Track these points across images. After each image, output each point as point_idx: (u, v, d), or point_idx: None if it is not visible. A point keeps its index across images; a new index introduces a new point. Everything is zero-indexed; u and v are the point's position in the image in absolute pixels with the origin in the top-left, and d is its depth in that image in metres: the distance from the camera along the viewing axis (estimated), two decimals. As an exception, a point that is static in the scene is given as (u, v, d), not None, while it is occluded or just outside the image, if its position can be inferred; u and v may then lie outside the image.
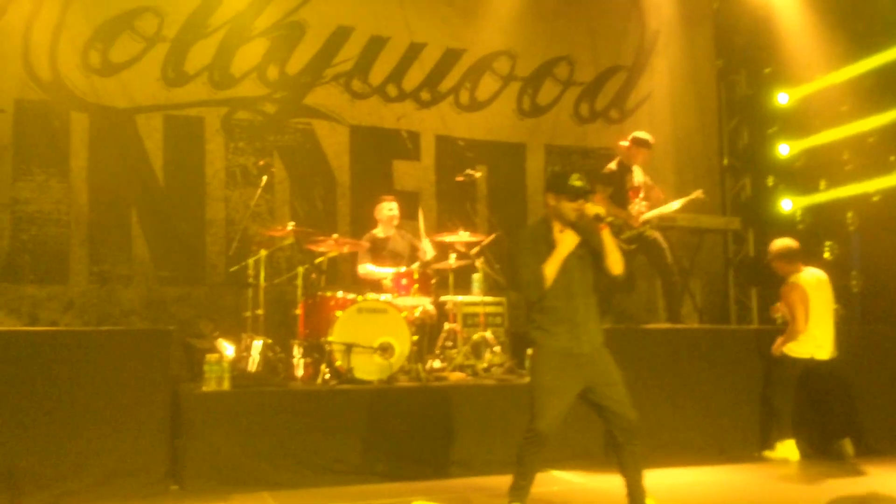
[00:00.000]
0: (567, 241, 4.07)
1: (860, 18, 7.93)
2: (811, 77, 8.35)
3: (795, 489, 5.37)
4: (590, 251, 4.16)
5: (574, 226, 4.13)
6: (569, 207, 4.09)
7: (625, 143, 7.17)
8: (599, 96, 9.26)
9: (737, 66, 9.39)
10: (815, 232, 8.24)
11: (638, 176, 7.10)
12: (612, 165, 7.13)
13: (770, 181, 8.96)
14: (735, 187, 9.33)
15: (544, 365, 4.09)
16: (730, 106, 9.44)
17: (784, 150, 8.77)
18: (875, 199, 7.73)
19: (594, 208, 4.09)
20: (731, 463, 5.96)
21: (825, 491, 5.23)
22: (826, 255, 8.07)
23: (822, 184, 8.35)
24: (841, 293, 7.28)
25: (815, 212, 8.43)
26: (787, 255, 6.38)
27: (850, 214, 8.01)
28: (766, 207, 8.86)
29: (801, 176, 8.61)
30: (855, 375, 6.51)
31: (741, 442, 6.32)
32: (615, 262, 4.13)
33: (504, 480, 5.29)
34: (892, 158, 7.65)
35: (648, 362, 6.10)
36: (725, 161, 9.37)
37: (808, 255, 6.71)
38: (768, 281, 6.70)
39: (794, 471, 5.86)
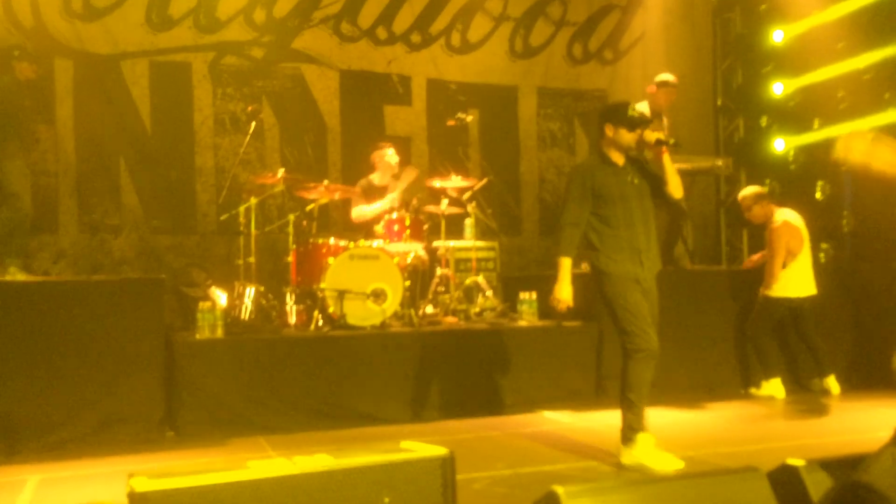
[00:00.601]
0: (564, 290, 4.15)
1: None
2: (806, 14, 8.20)
3: (779, 426, 5.46)
4: (647, 179, 4.24)
5: (632, 154, 4.23)
6: (628, 136, 4.17)
7: (651, 89, 7.07)
8: (593, 37, 9.11)
9: (731, 3, 9.22)
10: (807, 172, 8.21)
11: (664, 122, 7.04)
12: (644, 108, 7.03)
13: (763, 121, 8.88)
14: (728, 128, 9.26)
15: (618, 288, 4.14)
16: (724, 45, 9.30)
17: (778, 89, 8.67)
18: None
19: (654, 134, 4.18)
20: (719, 401, 6.06)
21: (807, 427, 5.33)
22: (818, 194, 8.06)
23: (816, 123, 8.28)
24: (832, 232, 7.32)
25: (807, 151, 8.37)
26: (764, 197, 6.40)
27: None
28: (758, 148, 8.80)
29: (795, 115, 8.52)
30: (843, 313, 6.58)
31: (729, 381, 6.42)
32: (676, 187, 4.22)
33: (498, 421, 5.42)
34: (886, 96, 7.57)
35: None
36: (719, 101, 9.27)
37: (800, 194, 6.71)
38: (760, 222, 6.69)
39: (779, 408, 5.96)
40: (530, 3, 8.83)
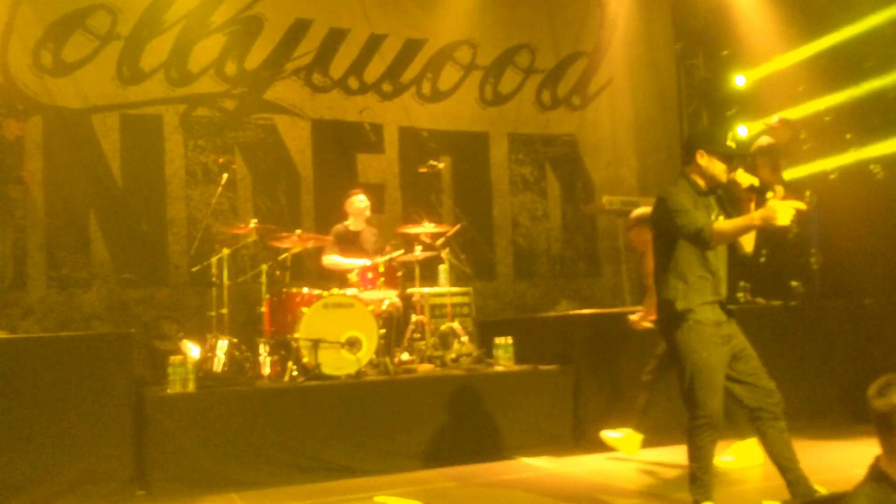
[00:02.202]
0: (780, 211, 3.39)
1: (814, -1, 8.04)
2: (768, 58, 8.45)
3: (753, 466, 5.33)
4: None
5: (722, 190, 3.81)
6: (721, 169, 3.74)
7: (776, 124, 7.11)
8: (561, 83, 9.30)
9: (695, 49, 9.49)
10: (774, 211, 8.34)
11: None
12: (773, 140, 7.08)
13: (730, 163, 9.05)
14: (696, 170, 9.42)
15: (701, 341, 3.73)
16: (689, 89, 9.54)
17: (742, 131, 8.87)
18: (832, 177, 7.85)
19: (749, 178, 3.70)
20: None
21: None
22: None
23: (781, 164, 8.45)
24: (801, 270, 7.41)
25: (774, 191, 8.53)
26: (644, 222, 5.13)
27: (808, 193, 8.13)
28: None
29: (761, 157, 8.71)
30: (813, 350, 6.60)
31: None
32: (749, 241, 3.82)
33: (476, 469, 5.34)
34: (848, 137, 7.78)
35: (626, 346, 6.06)
36: (686, 144, 9.46)
37: (768, 233, 6.76)
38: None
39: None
40: (499, 52, 9.00)
